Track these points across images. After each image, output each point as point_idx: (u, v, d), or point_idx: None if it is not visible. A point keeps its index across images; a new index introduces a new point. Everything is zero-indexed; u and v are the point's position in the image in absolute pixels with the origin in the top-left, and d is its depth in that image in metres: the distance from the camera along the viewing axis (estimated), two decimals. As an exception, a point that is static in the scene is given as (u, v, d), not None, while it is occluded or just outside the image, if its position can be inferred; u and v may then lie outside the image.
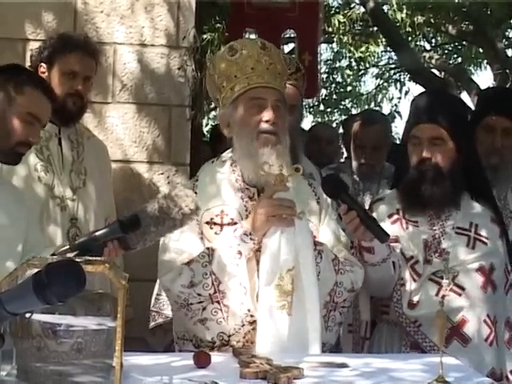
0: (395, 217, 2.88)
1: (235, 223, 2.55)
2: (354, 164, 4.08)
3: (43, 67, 3.22)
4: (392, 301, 2.78)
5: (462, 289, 2.74)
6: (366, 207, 3.00)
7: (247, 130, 2.57)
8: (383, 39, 11.47)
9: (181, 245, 2.55)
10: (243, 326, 2.45)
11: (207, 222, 2.57)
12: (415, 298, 2.74)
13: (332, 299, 2.55)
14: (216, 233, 2.55)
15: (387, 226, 2.79)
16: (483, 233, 2.83)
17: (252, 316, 2.44)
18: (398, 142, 7.24)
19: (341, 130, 6.18)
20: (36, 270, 1.53)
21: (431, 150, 2.79)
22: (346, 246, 2.72)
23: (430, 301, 2.69)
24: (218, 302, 2.46)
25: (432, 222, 2.85)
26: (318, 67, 5.53)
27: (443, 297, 2.68)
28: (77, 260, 1.67)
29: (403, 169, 2.91)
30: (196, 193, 2.57)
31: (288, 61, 3.33)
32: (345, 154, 5.33)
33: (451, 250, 2.79)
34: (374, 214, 2.82)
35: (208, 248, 2.51)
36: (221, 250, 2.48)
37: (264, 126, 2.56)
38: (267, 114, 2.56)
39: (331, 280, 2.54)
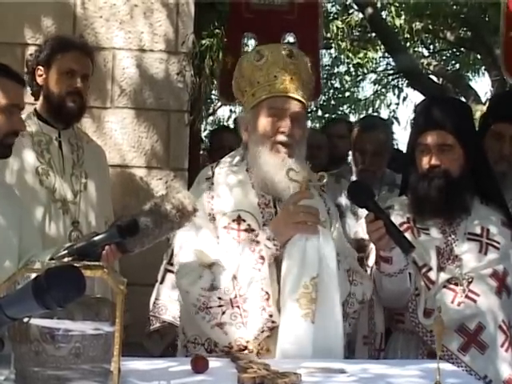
0: (406, 225, 2.84)
1: (252, 230, 2.52)
2: (355, 170, 4.08)
3: (41, 70, 3.22)
4: (408, 311, 2.74)
5: (477, 295, 2.71)
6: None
7: (263, 138, 2.55)
8: (381, 45, 11.49)
9: (200, 247, 2.50)
10: (263, 331, 2.43)
11: (225, 227, 2.53)
12: (430, 306, 2.70)
13: (344, 309, 2.52)
14: (234, 238, 2.52)
15: None
16: (495, 237, 2.80)
17: (273, 322, 2.42)
18: (396, 147, 7.24)
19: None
20: (35, 275, 1.54)
21: (439, 156, 2.76)
22: (354, 257, 2.70)
23: (445, 308, 2.59)
24: (238, 307, 2.42)
25: (443, 229, 2.82)
26: (320, 70, 5.49)
27: (459, 304, 2.67)
28: (76, 265, 1.67)
29: (410, 176, 2.87)
30: (213, 196, 2.56)
31: None
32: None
33: (464, 257, 2.77)
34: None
35: (229, 252, 2.48)
36: (243, 255, 2.46)
37: (280, 137, 2.54)
38: (284, 126, 2.53)
39: (345, 290, 2.53)
